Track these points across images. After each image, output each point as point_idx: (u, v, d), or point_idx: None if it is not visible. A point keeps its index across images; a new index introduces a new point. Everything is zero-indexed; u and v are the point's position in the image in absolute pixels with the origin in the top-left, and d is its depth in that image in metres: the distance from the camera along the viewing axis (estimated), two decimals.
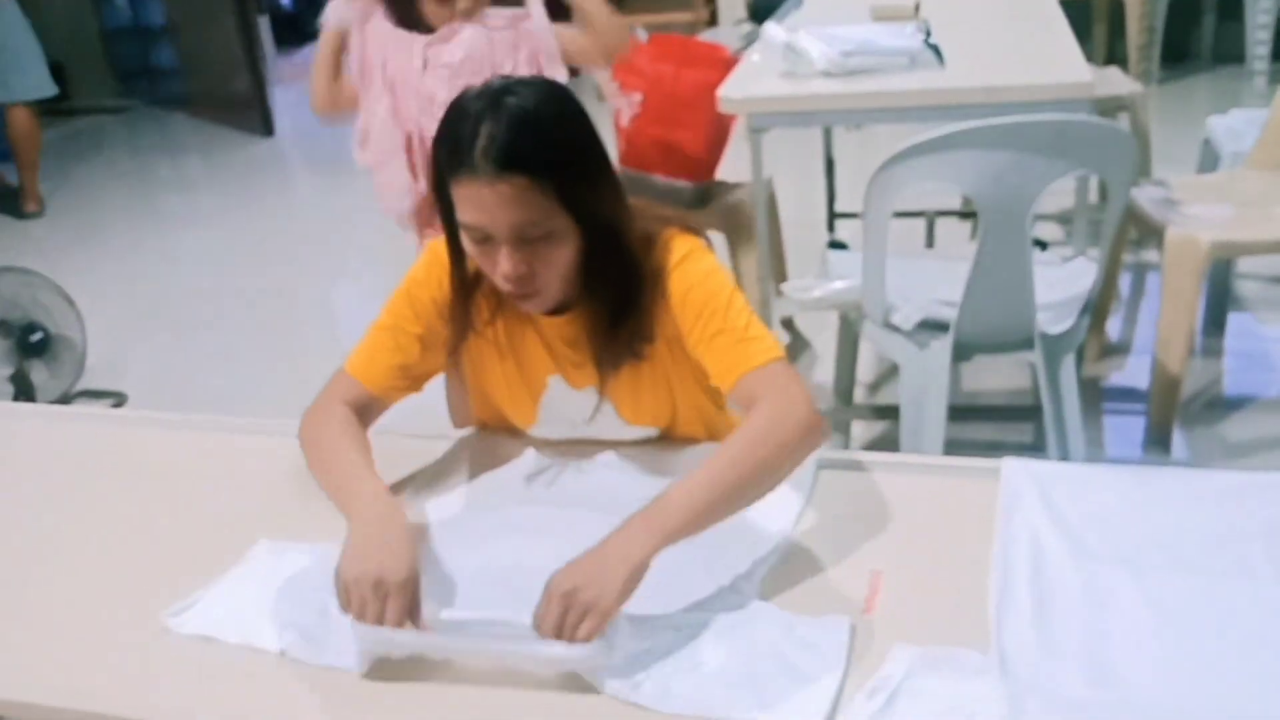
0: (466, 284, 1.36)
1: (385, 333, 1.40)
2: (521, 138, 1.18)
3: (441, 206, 1.26)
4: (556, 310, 1.36)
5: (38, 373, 3.04)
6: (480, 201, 1.19)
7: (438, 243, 1.38)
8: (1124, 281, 3.30)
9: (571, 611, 1.04)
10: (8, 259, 3.30)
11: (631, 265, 1.31)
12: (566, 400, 1.43)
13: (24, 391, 3.00)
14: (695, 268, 1.32)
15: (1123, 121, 3.20)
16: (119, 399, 3.21)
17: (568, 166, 1.21)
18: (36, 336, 3.01)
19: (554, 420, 1.46)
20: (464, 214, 1.22)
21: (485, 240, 1.23)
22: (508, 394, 1.46)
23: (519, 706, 1.05)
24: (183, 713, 1.09)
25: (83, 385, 3.17)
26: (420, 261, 1.40)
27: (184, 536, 1.38)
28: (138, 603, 1.24)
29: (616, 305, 1.32)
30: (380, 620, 1.08)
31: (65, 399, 3.05)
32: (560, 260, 1.25)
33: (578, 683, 1.05)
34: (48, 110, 6.76)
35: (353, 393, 1.39)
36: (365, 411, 1.40)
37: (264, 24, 6.59)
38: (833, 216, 3.67)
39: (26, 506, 1.49)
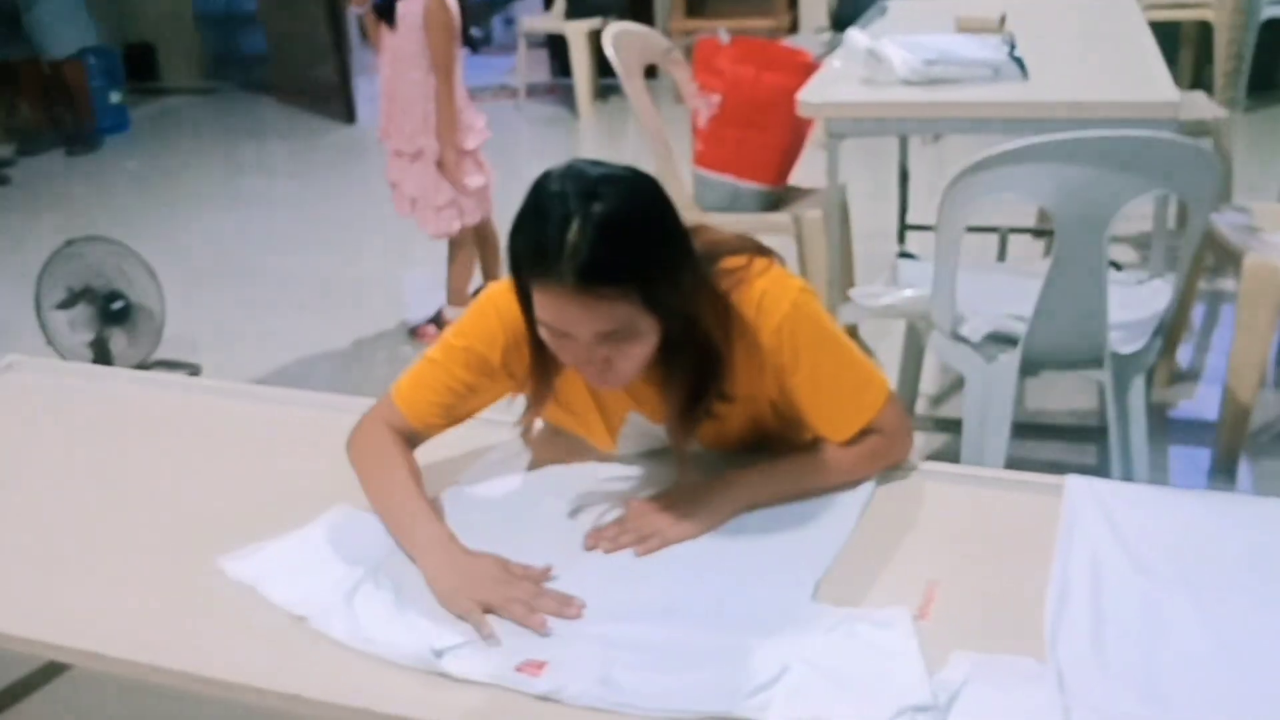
0: (546, 365, 1.31)
1: (435, 372, 1.38)
2: (609, 250, 1.13)
3: (520, 296, 1.24)
4: None
5: (117, 340, 3.12)
6: (563, 310, 1.16)
7: (490, 296, 1.36)
8: (1198, 309, 3.24)
9: (644, 535, 1.25)
10: (94, 229, 3.40)
11: (707, 345, 1.27)
12: (646, 432, 1.42)
13: (103, 357, 3.08)
14: (801, 326, 1.30)
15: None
16: (194, 369, 3.29)
17: (653, 271, 1.17)
18: (118, 305, 3.09)
19: (635, 447, 1.46)
20: (545, 314, 1.19)
21: (564, 336, 1.20)
22: (585, 428, 1.45)
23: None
24: (242, 669, 1.12)
25: (159, 355, 3.26)
26: (474, 313, 1.37)
27: (255, 500, 1.42)
28: (205, 560, 1.27)
29: (693, 387, 1.29)
30: (534, 600, 1.17)
31: (142, 367, 3.13)
32: (640, 353, 1.22)
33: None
34: (138, 89, 7.00)
35: (396, 421, 1.39)
36: (407, 440, 1.39)
37: (351, 14, 6.72)
38: (904, 228, 3.65)
39: (102, 463, 1.54)
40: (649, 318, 1.19)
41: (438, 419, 1.39)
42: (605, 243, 1.13)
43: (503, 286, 1.31)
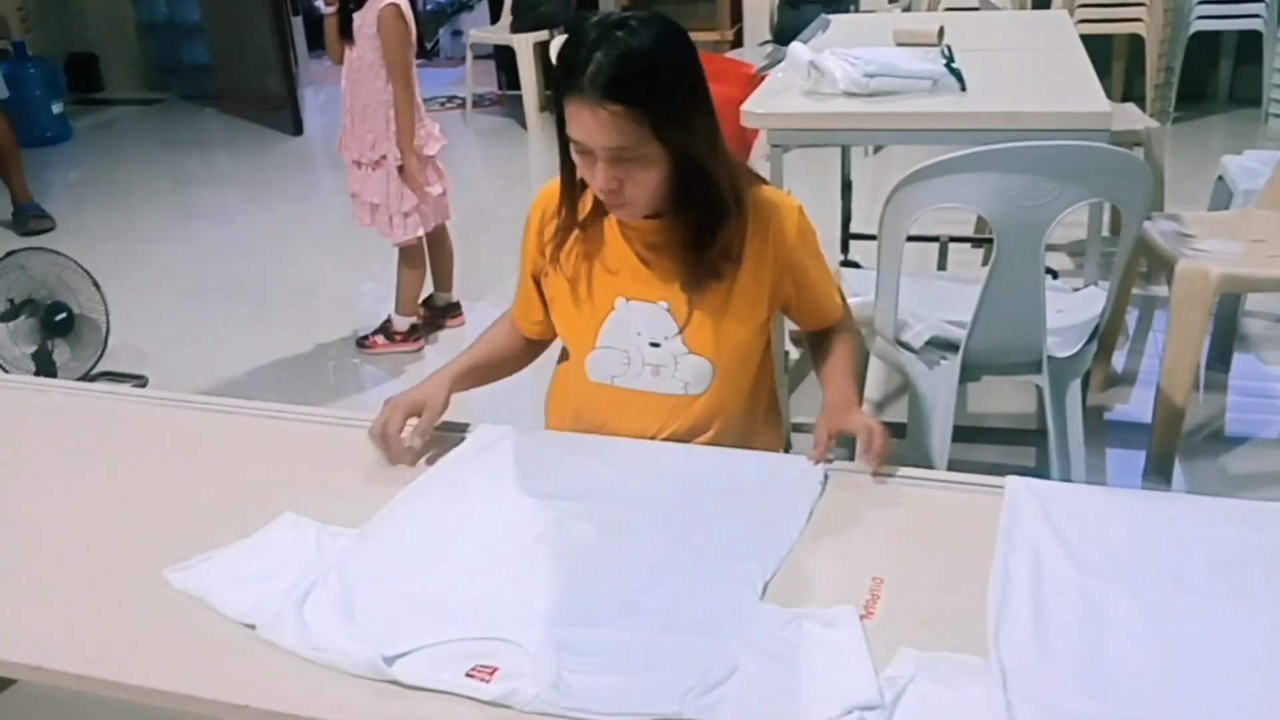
0: (574, 187, 1.51)
1: (521, 277, 1.64)
2: (624, 71, 1.32)
3: (558, 118, 1.41)
4: (647, 216, 1.50)
5: (60, 352, 3.09)
6: (583, 121, 1.35)
7: (541, 195, 1.58)
8: (1132, 315, 3.33)
9: (876, 436, 1.40)
10: (37, 239, 3.35)
11: (716, 195, 1.45)
12: (632, 317, 1.54)
13: (46, 369, 3.04)
14: (810, 226, 1.56)
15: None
16: (140, 381, 3.26)
17: (663, 101, 1.35)
18: (61, 316, 3.06)
19: (614, 344, 1.55)
20: (570, 129, 1.38)
21: (586, 153, 1.39)
22: (575, 312, 1.57)
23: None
24: (191, 681, 1.11)
25: (105, 367, 3.22)
26: (530, 216, 1.60)
27: (202, 511, 1.41)
28: (151, 572, 1.26)
29: (699, 228, 1.46)
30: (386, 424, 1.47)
31: (87, 379, 3.09)
32: (649, 181, 1.40)
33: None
34: (81, 100, 6.91)
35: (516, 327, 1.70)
36: (523, 338, 1.71)
37: (298, 25, 6.68)
38: (847, 237, 3.70)
39: (46, 477, 1.52)
40: (657, 145, 1.36)
41: (535, 312, 1.65)
42: (621, 63, 1.32)
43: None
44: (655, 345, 1.53)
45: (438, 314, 3.72)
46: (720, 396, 1.56)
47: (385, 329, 3.58)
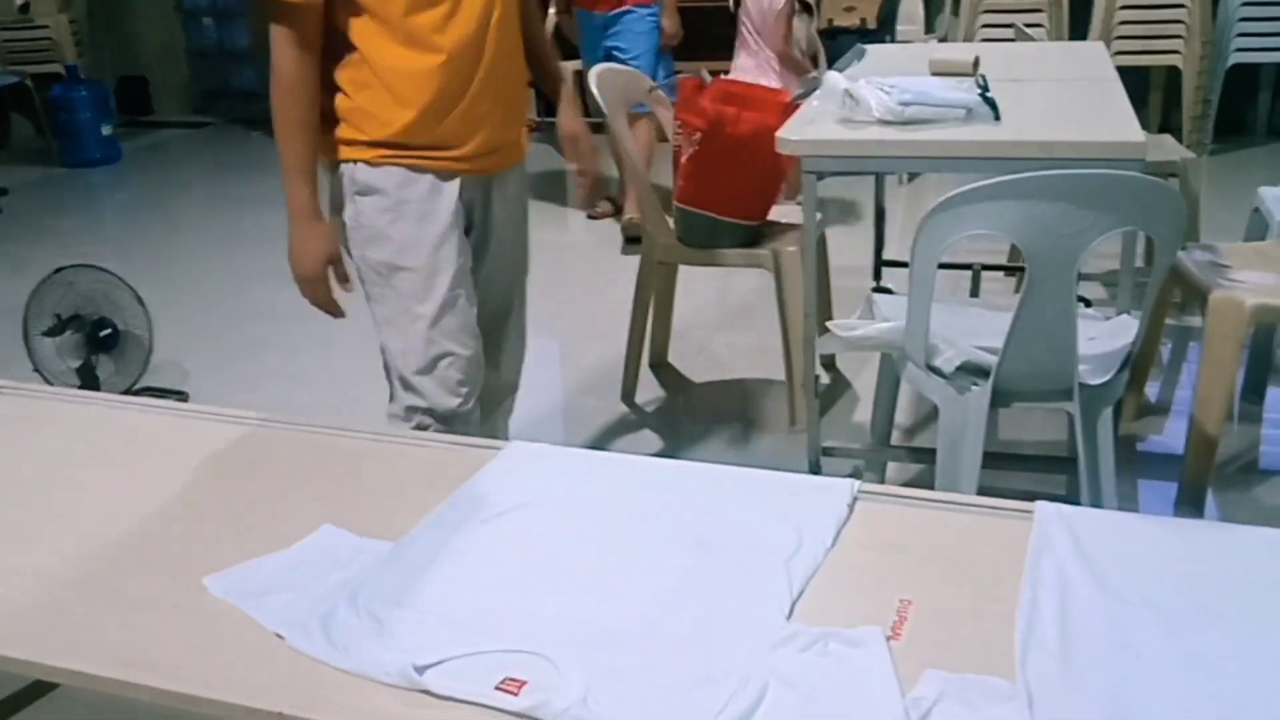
0: None
1: None
2: None
3: None
4: None
5: (104, 367, 3.15)
6: None
7: None
8: (1167, 346, 3.30)
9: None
10: (85, 257, 3.43)
11: None
12: None
13: (89, 384, 3.10)
14: None
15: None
16: (181, 396, 3.31)
17: None
18: (106, 332, 3.12)
19: None
20: None
21: None
22: None
23: None
24: (227, 687, 1.13)
25: (147, 383, 3.27)
26: None
27: (242, 521, 1.44)
28: (191, 580, 1.29)
29: None
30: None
31: (129, 394, 3.14)
32: None
33: None
34: (131, 122, 7.06)
35: (291, 20, 1.92)
36: (309, 40, 1.90)
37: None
38: (880, 264, 3.71)
39: (88, 487, 1.56)
40: None
41: None
42: None
43: None
44: None
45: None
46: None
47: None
